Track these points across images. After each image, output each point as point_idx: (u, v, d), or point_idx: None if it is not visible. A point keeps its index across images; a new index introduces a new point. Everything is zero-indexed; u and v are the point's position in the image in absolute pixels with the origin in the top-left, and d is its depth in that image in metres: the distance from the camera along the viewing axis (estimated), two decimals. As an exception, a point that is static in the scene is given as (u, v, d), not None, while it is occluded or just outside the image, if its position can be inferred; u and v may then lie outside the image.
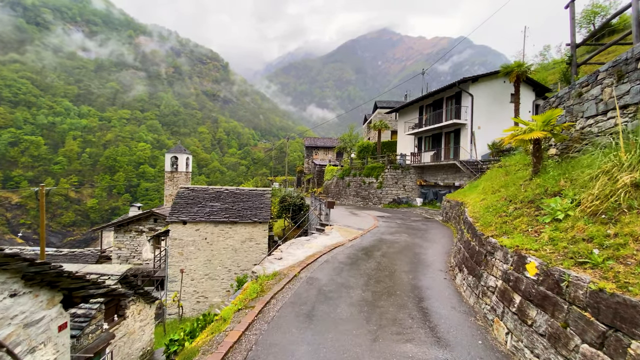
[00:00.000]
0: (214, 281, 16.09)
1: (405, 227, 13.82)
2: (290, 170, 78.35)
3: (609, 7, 33.39)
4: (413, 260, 7.64)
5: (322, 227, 13.57)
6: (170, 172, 45.07)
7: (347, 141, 39.98)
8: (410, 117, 28.59)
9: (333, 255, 7.81)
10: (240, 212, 16.41)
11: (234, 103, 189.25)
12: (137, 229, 20.18)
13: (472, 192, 12.72)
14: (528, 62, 23.25)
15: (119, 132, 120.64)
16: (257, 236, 16.29)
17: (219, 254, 16.06)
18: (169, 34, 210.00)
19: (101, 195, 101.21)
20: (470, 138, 22.04)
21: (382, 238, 10.70)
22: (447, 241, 10.39)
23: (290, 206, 22.43)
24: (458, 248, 6.59)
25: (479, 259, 4.96)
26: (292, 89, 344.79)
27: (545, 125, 6.22)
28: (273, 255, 7.22)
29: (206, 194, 17.07)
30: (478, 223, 5.76)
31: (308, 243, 9.00)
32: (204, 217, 15.89)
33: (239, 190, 17.69)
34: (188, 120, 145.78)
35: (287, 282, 5.70)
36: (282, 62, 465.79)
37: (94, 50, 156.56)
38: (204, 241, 15.98)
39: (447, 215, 15.73)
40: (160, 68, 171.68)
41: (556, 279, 2.99)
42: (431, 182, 24.36)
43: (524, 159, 8.83)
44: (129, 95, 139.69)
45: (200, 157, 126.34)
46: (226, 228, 16.06)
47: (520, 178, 7.04)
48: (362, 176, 26.82)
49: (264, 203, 17.10)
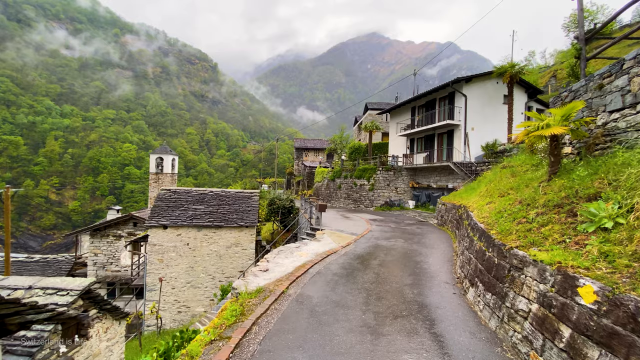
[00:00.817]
0: (197, 290, 15.04)
1: (400, 231, 13.09)
2: (280, 172, 77.31)
3: (597, 12, 33.69)
4: (414, 270, 6.87)
5: (312, 231, 12.73)
6: (155, 173, 43.59)
7: (338, 143, 39.30)
8: (402, 118, 28.05)
9: (326, 265, 6.97)
10: (225, 215, 15.43)
11: (222, 104, 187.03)
12: (115, 234, 18.94)
13: (471, 195, 12.09)
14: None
15: (103, 132, 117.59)
16: (243, 241, 15.32)
17: (202, 260, 15.03)
18: (156, 33, 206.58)
19: (84, 197, 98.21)
20: (463, 139, 21.56)
21: (377, 244, 9.92)
22: (447, 247, 9.68)
23: (279, 209, 21.52)
24: (467, 258, 5.84)
25: (500, 274, 4.20)
26: (281, 91, 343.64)
27: (563, 120, 5.54)
28: (258, 267, 6.34)
29: (189, 197, 16.02)
30: (493, 230, 5.01)
31: (298, 251, 8.15)
32: (186, 221, 14.85)
33: (225, 193, 16.69)
34: (176, 121, 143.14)
35: (272, 301, 4.82)
36: (272, 64, 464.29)
37: (78, 49, 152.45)
38: (186, 247, 14.93)
39: (442, 219, 15.09)
40: (147, 68, 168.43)
41: (631, 311, 2.24)
42: (424, 184, 23.79)
43: (531, 159, 8.19)
44: (114, 94, 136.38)
45: (188, 158, 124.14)
46: (210, 233, 15.05)
47: (532, 179, 6.35)
48: (354, 178, 26.09)
49: (251, 206, 16.15)
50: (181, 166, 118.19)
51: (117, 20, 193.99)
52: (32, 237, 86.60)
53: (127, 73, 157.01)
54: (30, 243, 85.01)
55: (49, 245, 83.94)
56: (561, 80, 29.66)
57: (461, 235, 8.22)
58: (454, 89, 21.73)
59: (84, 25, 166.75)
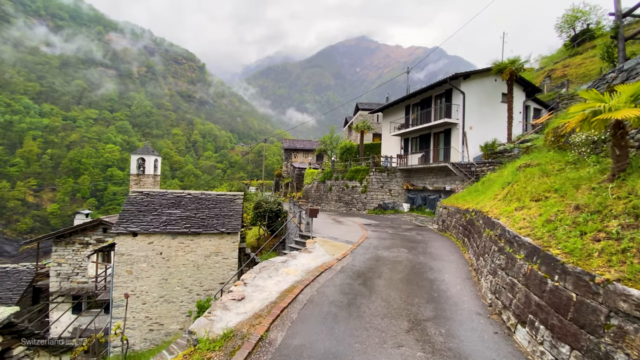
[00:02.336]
0: (172, 304, 13.32)
1: (399, 238, 11.72)
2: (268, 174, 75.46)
3: (589, 12, 33.29)
4: (431, 293, 5.45)
5: (302, 239, 11.22)
6: (136, 175, 41.28)
7: (328, 143, 37.91)
8: (395, 117, 26.82)
9: (319, 288, 5.49)
10: (204, 220, 13.78)
11: (210, 105, 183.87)
12: (82, 241, 17.02)
13: (479, 197, 10.81)
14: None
15: (84, 132, 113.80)
16: (224, 249, 13.69)
17: (177, 271, 13.33)
18: (142, 32, 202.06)
19: (63, 199, 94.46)
20: (461, 139, 20.42)
21: (377, 255, 8.49)
22: (458, 259, 8.33)
23: (266, 213, 19.95)
24: (506, 282, 4.44)
25: (587, 320, 2.81)
26: (271, 92, 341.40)
27: (633, 101, 4.21)
28: (231, 294, 4.79)
29: (164, 200, 14.30)
30: (554, 249, 3.63)
31: (284, 267, 6.64)
32: (159, 228, 13.14)
33: (205, 195, 15.02)
34: (161, 122, 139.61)
35: (245, 356, 3.32)
36: (261, 66, 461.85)
37: (59, 46, 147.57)
38: (159, 256, 13.21)
39: (444, 224, 13.79)
40: (132, 67, 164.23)
41: None
42: (419, 187, 22.56)
43: (562, 156, 6.92)
44: (96, 93, 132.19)
45: (174, 160, 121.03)
46: (187, 240, 13.37)
47: (581, 179, 5.04)
48: (345, 180, 24.69)
49: (234, 210, 14.53)
50: (166, 168, 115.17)
51: (101, 18, 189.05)
52: (8, 242, 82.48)
53: (111, 72, 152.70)
54: (6, 247, 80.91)
55: (25, 250, 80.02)
56: (556, 79, 28.99)
57: (481, 246, 6.85)
58: (451, 86, 20.59)
59: (66, 22, 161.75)
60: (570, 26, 34.51)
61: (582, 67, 27.14)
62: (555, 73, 30.04)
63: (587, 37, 32.58)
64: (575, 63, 28.81)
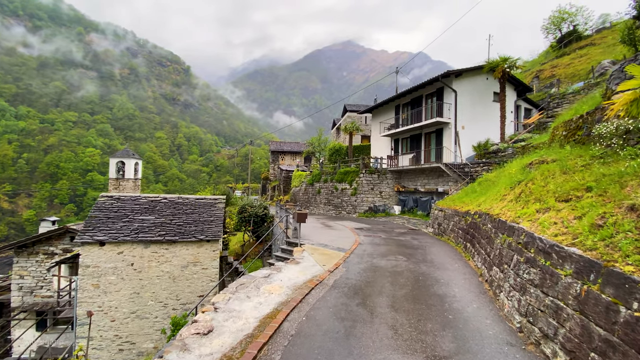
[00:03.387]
0: (144, 321, 12.01)
1: (395, 243, 10.81)
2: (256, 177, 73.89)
3: (576, 13, 33.52)
4: (445, 315, 4.50)
5: (289, 247, 10.17)
6: (115, 179, 39.37)
7: (316, 145, 36.98)
8: (385, 117, 26.10)
9: (309, 311, 4.46)
10: (181, 227, 12.54)
11: (195, 108, 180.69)
12: (47, 251, 15.48)
13: (480, 199, 10.01)
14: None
15: (63, 135, 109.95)
16: (203, 258, 12.47)
17: (150, 284, 12.03)
18: (124, 33, 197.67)
19: (40, 206, 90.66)
20: (454, 138, 19.77)
21: (374, 264, 7.53)
22: (463, 267, 7.45)
23: (251, 217, 18.78)
24: (550, 306, 3.51)
25: None
26: (257, 95, 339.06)
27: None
28: (196, 325, 3.71)
29: (136, 205, 13.00)
30: (622, 265, 2.73)
31: (267, 283, 5.58)
32: (130, 236, 11.84)
33: (182, 200, 13.78)
34: (144, 125, 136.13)
35: None
36: (248, 69, 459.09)
37: (37, 47, 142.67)
38: (130, 268, 11.90)
39: (440, 228, 12.96)
40: (114, 68, 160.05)
41: None
42: (410, 188, 21.80)
43: (581, 150, 6.14)
44: (76, 95, 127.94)
45: (158, 164, 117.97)
46: (161, 249, 12.10)
47: (619, 174, 4.20)
48: (334, 182, 23.73)
49: (215, 215, 13.34)
50: (150, 172, 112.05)
51: (82, 19, 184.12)
52: (-21, 250, 77.93)
53: (92, 73, 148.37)
54: (-23, 257, 76.49)
55: (-1, 259, 75.58)
56: (544, 80, 28.89)
57: (494, 255, 5.96)
58: (443, 84, 19.95)
59: (45, 23, 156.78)
60: (557, 27, 34.72)
61: (570, 67, 27.08)
62: (543, 73, 29.98)
63: (574, 38, 32.76)
64: (563, 63, 28.79)
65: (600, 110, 6.01)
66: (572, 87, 21.87)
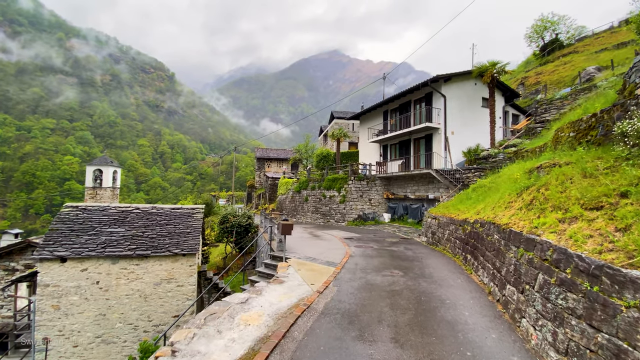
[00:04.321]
0: (111, 346, 10.74)
1: (388, 255, 10.00)
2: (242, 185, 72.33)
3: (558, 22, 34.14)
4: (460, 350, 3.67)
5: (273, 262, 9.21)
6: (92, 188, 37.52)
7: (303, 152, 36.14)
8: (373, 123, 25.55)
9: (295, 352, 3.52)
10: (155, 240, 11.41)
11: (180, 115, 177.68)
12: (7, 267, 13.97)
13: (478, 206, 9.34)
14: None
15: (40, 143, 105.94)
16: (179, 274, 11.34)
17: (119, 304, 10.81)
18: (107, 39, 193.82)
19: (14, 216, 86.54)
20: (444, 144, 19.29)
21: (368, 281, 6.69)
22: (466, 282, 6.68)
23: (233, 228, 17.68)
24: (608, 347, 2.72)
25: None
26: (244, 103, 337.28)
27: None
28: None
29: (104, 216, 11.80)
30: None
31: (244, 311, 4.63)
32: (95, 251, 10.63)
33: (156, 210, 12.64)
34: (126, 132, 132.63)
35: None
36: (234, 76, 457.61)
37: (16, 52, 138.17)
38: (95, 287, 10.67)
39: (434, 237, 12.23)
40: (95, 75, 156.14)
41: None
42: (400, 195, 21.16)
43: (600, 152, 5.51)
44: (55, 102, 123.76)
45: (139, 172, 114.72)
46: (131, 265, 10.93)
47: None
48: (322, 189, 22.88)
49: (192, 227, 12.25)
50: (131, 180, 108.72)
51: (63, 24, 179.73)
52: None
53: (72, 80, 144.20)
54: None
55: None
56: (529, 87, 29.03)
57: (508, 271, 5.20)
58: (432, 89, 19.53)
59: (25, 28, 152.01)
60: (540, 36, 35.26)
61: (555, 74, 27.27)
62: (528, 80, 30.16)
63: (557, 46, 33.25)
64: (548, 70, 29.03)
65: (620, 106, 5.39)
66: (559, 92, 21.83)
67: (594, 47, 29.34)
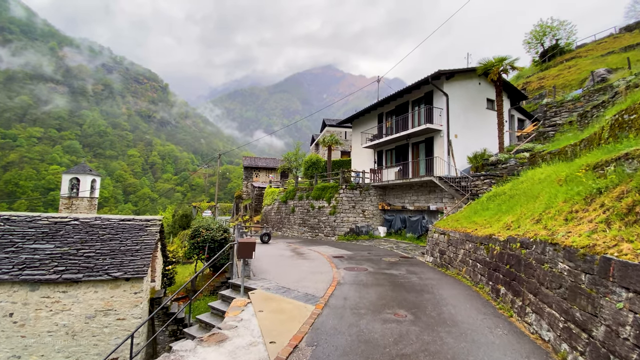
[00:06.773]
0: (25, 401, 8.12)
1: (388, 282, 7.68)
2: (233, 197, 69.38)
3: (558, 27, 32.88)
4: None
5: (231, 294, 6.79)
6: (68, 197, 34.76)
7: (293, 160, 33.90)
8: (367, 127, 23.48)
9: None
10: (90, 260, 8.93)
11: (172, 125, 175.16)
12: None
13: (505, 218, 7.13)
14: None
15: (25, 152, 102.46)
16: (120, 304, 8.82)
17: (38, 343, 8.25)
18: (100, 49, 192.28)
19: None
20: (447, 148, 17.18)
21: (362, 334, 4.36)
22: (511, 335, 4.40)
23: (206, 243, 15.15)
24: None
25: None
26: (237, 115, 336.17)
27: None
28: None
29: (31, 229, 9.32)
30: None
31: None
32: (10, 273, 8.13)
33: (101, 221, 10.18)
34: (116, 142, 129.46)
35: None
36: (228, 89, 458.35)
37: (6, 60, 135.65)
38: (8, 320, 8.13)
39: (443, 257, 9.91)
40: (87, 84, 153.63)
41: None
42: (397, 206, 18.91)
43: None
44: (43, 110, 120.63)
45: (128, 182, 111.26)
46: (56, 293, 8.41)
47: None
48: (311, 199, 20.53)
49: (144, 242, 9.79)
50: (119, 191, 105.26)
51: (56, 33, 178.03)
52: None
53: (62, 88, 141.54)
54: None
55: None
56: (532, 92, 27.37)
57: (605, 331, 2.90)
58: (433, 87, 17.57)
59: (16, 36, 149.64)
60: (539, 42, 33.93)
61: (560, 78, 25.64)
62: (530, 85, 28.57)
63: (557, 52, 31.87)
64: (551, 75, 27.47)
65: None
66: (570, 94, 20.04)
67: (597, 52, 27.98)
